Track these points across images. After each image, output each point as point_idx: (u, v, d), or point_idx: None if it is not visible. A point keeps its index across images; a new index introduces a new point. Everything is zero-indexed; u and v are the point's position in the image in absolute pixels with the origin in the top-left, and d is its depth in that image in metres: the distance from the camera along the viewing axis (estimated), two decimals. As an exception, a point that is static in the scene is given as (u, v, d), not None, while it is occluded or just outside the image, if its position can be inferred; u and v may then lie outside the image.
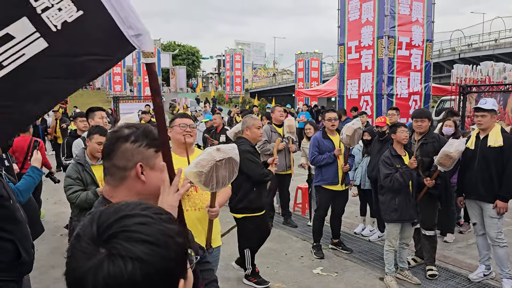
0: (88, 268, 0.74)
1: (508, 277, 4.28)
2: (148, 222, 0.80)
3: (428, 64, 10.78)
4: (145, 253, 0.75)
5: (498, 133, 4.31)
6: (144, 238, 0.77)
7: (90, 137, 3.76)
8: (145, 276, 0.74)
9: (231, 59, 44.02)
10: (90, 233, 0.77)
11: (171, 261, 0.79)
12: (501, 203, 4.23)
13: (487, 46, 30.95)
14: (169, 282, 0.79)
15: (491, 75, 12.79)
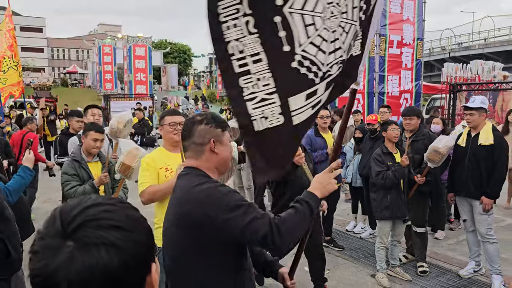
0: (58, 264, 0.70)
1: (498, 273, 4.33)
2: (114, 209, 0.78)
3: (419, 63, 10.84)
4: (118, 238, 0.73)
5: (489, 132, 4.35)
6: (115, 224, 0.75)
7: (85, 134, 3.72)
8: (121, 262, 0.72)
9: (223, 57, 43.91)
10: (54, 229, 0.74)
11: (143, 246, 0.78)
12: (486, 199, 4.28)
13: (477, 45, 31.30)
14: (143, 266, 0.78)
15: (480, 74, 12.94)
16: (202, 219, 1.61)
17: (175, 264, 1.73)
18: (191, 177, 1.75)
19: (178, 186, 1.79)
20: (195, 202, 1.64)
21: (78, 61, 70.17)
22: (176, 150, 3.09)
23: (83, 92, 43.39)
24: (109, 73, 36.38)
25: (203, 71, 70.00)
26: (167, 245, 1.77)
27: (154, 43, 42.00)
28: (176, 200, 1.75)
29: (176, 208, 1.72)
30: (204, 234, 1.62)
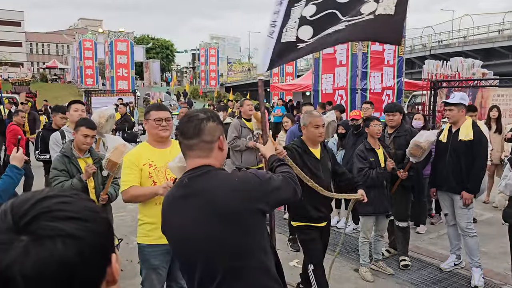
0: (12, 259, 0.67)
1: (477, 266, 4.42)
2: (69, 200, 0.77)
3: (400, 60, 10.95)
4: (75, 229, 0.72)
5: (469, 127, 4.42)
6: (71, 215, 0.74)
7: (76, 129, 3.66)
8: (78, 253, 0.71)
9: (206, 53, 43.71)
10: (5, 224, 0.71)
11: (101, 236, 0.77)
12: (466, 194, 4.36)
13: (457, 43, 31.79)
14: (102, 257, 0.77)
15: (460, 71, 13.14)
16: (247, 206, 1.69)
17: (236, 261, 1.68)
18: (214, 174, 1.74)
19: (200, 185, 1.72)
20: (237, 194, 1.68)
21: (58, 56, 68.89)
22: (161, 146, 3.02)
23: (63, 88, 42.62)
24: (90, 68, 35.85)
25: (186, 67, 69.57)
26: (211, 245, 1.67)
27: (136, 38, 41.47)
28: (206, 199, 1.69)
29: (217, 208, 1.67)
30: (254, 220, 1.72)
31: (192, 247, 1.72)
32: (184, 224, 1.72)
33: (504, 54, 28.33)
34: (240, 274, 1.68)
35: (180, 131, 1.79)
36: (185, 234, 1.73)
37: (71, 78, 47.94)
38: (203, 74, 44.98)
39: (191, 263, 1.74)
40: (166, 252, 2.96)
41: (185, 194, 1.75)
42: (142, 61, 43.71)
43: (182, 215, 1.73)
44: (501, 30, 31.32)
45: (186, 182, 1.76)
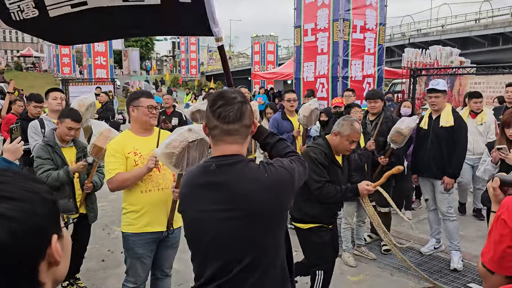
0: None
1: (457, 249, 4.54)
2: (7, 180, 0.76)
3: (381, 48, 11.03)
4: (8, 209, 0.71)
5: (449, 114, 4.49)
6: (6, 194, 0.73)
7: (61, 120, 3.58)
8: (12, 234, 0.70)
9: (186, 41, 43.13)
10: None
11: (38, 216, 0.75)
12: (448, 179, 4.45)
13: (435, 32, 32.21)
14: (38, 238, 0.76)
15: (439, 59, 13.35)
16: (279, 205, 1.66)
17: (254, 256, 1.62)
18: (244, 166, 1.65)
19: (225, 179, 1.62)
20: (269, 191, 1.62)
21: (32, 43, 66.91)
22: (145, 134, 2.98)
23: (39, 77, 41.54)
24: (67, 56, 34.95)
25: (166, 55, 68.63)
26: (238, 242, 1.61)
27: (114, 26, 40.53)
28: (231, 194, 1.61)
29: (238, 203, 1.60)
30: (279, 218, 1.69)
31: (212, 237, 1.63)
32: (206, 212, 1.64)
33: (480, 43, 28.88)
34: (256, 268, 1.63)
35: (218, 115, 1.61)
36: (205, 223, 1.65)
37: (47, 67, 46.72)
38: (183, 63, 44.47)
39: (207, 252, 1.66)
40: (151, 240, 2.93)
41: (213, 182, 1.64)
42: (121, 50, 42.94)
43: (205, 204, 1.64)
44: (477, 19, 31.88)
45: (213, 167, 1.64)
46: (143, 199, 2.87)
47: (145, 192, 2.87)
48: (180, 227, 3.13)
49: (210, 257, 1.65)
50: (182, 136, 2.35)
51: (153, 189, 2.89)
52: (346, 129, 3.30)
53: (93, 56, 29.34)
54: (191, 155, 2.39)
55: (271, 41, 32.30)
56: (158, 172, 2.90)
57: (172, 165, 2.39)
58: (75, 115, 3.64)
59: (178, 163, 2.38)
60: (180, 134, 2.37)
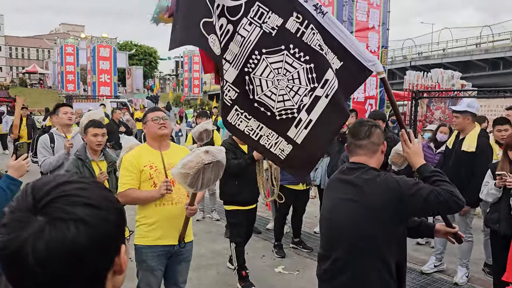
0: (27, 236, 0.70)
1: (465, 266, 4.57)
2: (87, 187, 0.79)
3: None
4: (88, 215, 0.74)
5: (473, 139, 4.35)
6: (86, 201, 0.76)
7: (86, 132, 3.70)
8: (89, 238, 0.73)
9: (190, 60, 43.60)
10: (25, 203, 0.75)
11: (113, 224, 0.78)
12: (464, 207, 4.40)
13: (436, 55, 32.58)
14: (111, 246, 0.79)
15: (440, 82, 13.48)
16: (384, 204, 2.03)
17: (359, 244, 2.06)
18: (366, 171, 2.12)
19: (360, 177, 2.10)
20: (384, 190, 2.03)
21: (38, 60, 67.76)
22: (162, 148, 3.02)
23: (43, 93, 41.91)
24: (72, 73, 35.32)
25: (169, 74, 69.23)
26: (352, 224, 2.08)
27: (119, 45, 41.20)
28: (355, 189, 2.10)
29: (360, 196, 2.07)
30: (388, 220, 2.05)
31: (333, 219, 2.20)
32: (336, 199, 2.20)
33: (481, 67, 29.17)
34: (362, 256, 2.06)
35: (352, 133, 2.20)
36: (332, 208, 2.22)
37: (51, 83, 47.16)
38: (186, 82, 44.83)
39: (326, 233, 2.27)
40: (163, 253, 2.95)
41: (343, 179, 2.19)
42: (125, 68, 43.36)
43: (336, 194, 2.22)
44: (478, 43, 32.26)
45: (345, 169, 2.22)
46: (157, 213, 2.91)
47: (159, 206, 2.91)
48: (192, 241, 3.15)
49: (328, 236, 2.25)
50: (199, 157, 2.39)
51: (167, 203, 2.92)
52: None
53: (97, 74, 29.69)
54: (206, 176, 2.44)
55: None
56: (172, 187, 2.93)
57: (186, 184, 2.44)
58: (96, 123, 3.78)
59: (192, 183, 2.43)
60: (197, 155, 2.40)
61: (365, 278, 2.06)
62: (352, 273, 2.08)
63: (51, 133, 4.47)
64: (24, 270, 0.71)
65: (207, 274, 4.78)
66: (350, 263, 2.08)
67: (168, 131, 3.05)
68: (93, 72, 29.87)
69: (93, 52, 29.79)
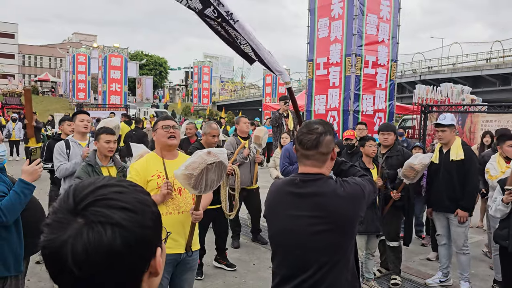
0: (67, 238, 0.73)
1: (467, 280, 4.56)
2: (124, 191, 0.81)
3: (392, 83, 11.17)
4: (124, 219, 0.76)
5: (459, 147, 4.53)
6: (122, 205, 0.78)
7: (98, 138, 3.79)
8: (125, 242, 0.75)
9: (199, 71, 43.98)
10: (66, 205, 0.77)
11: (148, 228, 0.80)
12: (462, 212, 4.46)
13: (446, 70, 32.47)
14: (147, 249, 0.80)
15: (450, 96, 13.44)
16: (354, 214, 1.95)
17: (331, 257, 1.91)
18: (324, 182, 1.95)
19: (309, 191, 1.93)
20: (347, 203, 1.93)
21: (50, 69, 68.75)
22: (169, 157, 3.04)
23: (54, 101, 42.42)
24: (83, 82, 35.80)
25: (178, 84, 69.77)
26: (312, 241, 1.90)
27: (130, 55, 41.67)
28: (316, 202, 1.92)
29: (320, 211, 1.90)
30: (354, 224, 1.96)
31: (293, 239, 1.94)
32: (291, 217, 1.95)
33: (492, 82, 29.01)
34: (332, 268, 1.91)
35: (299, 141, 1.98)
36: (289, 226, 1.95)
37: (63, 92, 47.76)
38: (195, 92, 45.16)
39: (287, 251, 1.98)
40: (169, 262, 2.95)
41: (297, 192, 1.96)
42: (135, 77, 43.84)
43: (290, 209, 1.96)
44: (488, 58, 32.13)
45: (298, 181, 1.97)
46: (163, 222, 2.90)
47: (166, 215, 2.91)
48: (198, 250, 3.15)
49: (291, 255, 1.96)
50: (201, 158, 2.42)
51: (174, 212, 2.93)
52: (207, 129, 4.82)
53: (108, 83, 30.01)
54: (210, 177, 2.46)
55: (283, 73, 32.76)
56: (179, 196, 2.94)
57: (190, 186, 2.45)
58: (108, 129, 3.87)
59: (196, 185, 2.44)
60: (199, 156, 2.44)
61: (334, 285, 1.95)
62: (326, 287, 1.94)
63: (67, 140, 4.56)
64: (63, 269, 0.73)
65: (213, 284, 4.78)
66: (323, 278, 1.91)
67: (177, 142, 3.06)
68: (104, 81, 30.22)
69: (104, 61, 30.17)
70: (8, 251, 2.68)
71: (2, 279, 2.68)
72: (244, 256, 5.69)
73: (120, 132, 4.87)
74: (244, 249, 5.91)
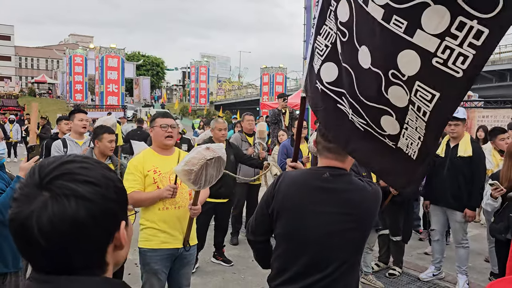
0: (32, 210, 0.77)
1: (464, 274, 4.57)
2: (89, 167, 0.84)
3: (389, 80, 11.21)
4: (88, 192, 0.80)
5: (468, 143, 4.42)
6: (86, 179, 0.81)
7: (99, 138, 3.79)
8: (89, 213, 0.79)
9: (196, 71, 43.98)
10: (32, 180, 0.81)
11: (112, 201, 0.84)
12: (470, 212, 4.41)
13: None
14: (111, 221, 0.84)
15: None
16: (376, 213, 1.98)
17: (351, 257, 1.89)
18: (351, 178, 1.93)
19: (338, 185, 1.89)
20: (373, 202, 1.94)
21: (47, 70, 68.61)
22: (166, 153, 3.07)
23: (51, 102, 42.32)
24: (80, 83, 35.77)
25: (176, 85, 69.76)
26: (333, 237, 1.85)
27: (127, 55, 41.60)
28: (343, 198, 1.88)
29: (350, 209, 1.87)
30: (371, 225, 1.98)
31: (313, 235, 1.86)
32: (317, 213, 1.87)
33: (488, 79, 29.12)
34: (350, 268, 1.90)
35: (321, 134, 2.00)
36: (313, 222, 1.87)
37: (60, 93, 47.68)
38: (193, 92, 45.15)
39: (303, 248, 1.88)
40: (167, 257, 2.99)
41: (327, 188, 1.89)
42: (132, 78, 43.80)
43: (316, 205, 1.88)
44: (485, 55, 32.18)
45: (327, 176, 1.90)
46: (160, 217, 2.95)
47: (162, 210, 2.95)
48: (196, 245, 3.18)
49: (307, 252, 1.87)
50: (201, 154, 2.45)
51: (170, 207, 2.96)
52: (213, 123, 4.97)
53: (105, 83, 30.01)
54: (209, 172, 2.49)
55: (280, 72, 32.87)
56: (173, 198, 2.96)
57: (190, 182, 2.48)
58: (109, 129, 3.89)
59: (196, 180, 2.47)
60: (199, 152, 2.47)
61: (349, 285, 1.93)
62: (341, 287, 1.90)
63: (64, 138, 4.58)
64: (30, 241, 0.77)
65: (212, 280, 4.81)
66: (340, 277, 1.86)
67: (173, 142, 3.09)
68: (101, 82, 30.22)
69: (101, 62, 30.17)
70: (7, 247, 2.70)
71: (1, 276, 2.71)
72: (243, 252, 5.72)
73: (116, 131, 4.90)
74: (243, 246, 5.94)
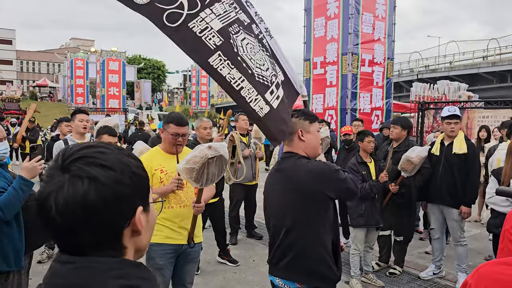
0: (52, 190, 0.82)
1: (464, 272, 4.58)
2: (107, 152, 0.88)
3: (389, 81, 11.23)
4: (102, 175, 0.83)
5: (462, 141, 4.49)
6: (102, 163, 0.85)
7: (99, 137, 3.82)
8: (100, 196, 0.82)
9: (197, 74, 44.00)
10: (56, 163, 0.86)
11: (126, 186, 0.85)
12: (465, 208, 4.45)
13: (443, 68, 32.58)
14: (124, 206, 0.86)
15: (447, 93, 13.51)
16: (316, 186, 2.28)
17: (294, 222, 2.31)
18: (295, 159, 2.36)
19: (284, 165, 2.40)
20: (309, 174, 2.29)
21: (48, 74, 68.79)
22: (173, 152, 3.08)
23: (52, 106, 42.45)
24: (81, 87, 35.84)
25: (177, 88, 69.83)
26: (281, 208, 2.38)
27: (128, 58, 41.67)
28: (286, 174, 2.37)
29: (288, 181, 2.35)
30: (317, 198, 2.29)
31: (270, 207, 2.49)
32: (271, 189, 2.48)
33: (488, 80, 29.13)
34: (299, 235, 2.31)
35: None
36: (269, 197, 2.50)
37: (61, 97, 47.78)
38: (194, 95, 45.18)
39: (268, 218, 2.50)
40: (171, 252, 3.01)
41: (276, 169, 2.48)
42: (134, 81, 43.85)
43: (271, 183, 2.49)
44: (485, 56, 32.24)
45: (279, 160, 2.50)
46: (165, 215, 2.98)
47: (168, 208, 2.98)
48: (200, 242, 3.21)
49: (269, 219, 2.49)
50: (202, 152, 2.49)
51: (176, 206, 3.00)
52: (198, 123, 4.98)
53: (106, 87, 30.05)
54: (211, 171, 2.52)
55: (281, 75, 32.80)
56: (181, 190, 3.01)
57: (192, 180, 2.52)
58: (111, 130, 3.92)
59: (198, 178, 2.51)
60: (201, 150, 2.50)
61: (304, 256, 2.31)
62: (293, 254, 2.32)
63: (65, 139, 4.61)
64: (49, 218, 0.83)
65: (213, 280, 4.83)
66: (292, 245, 2.32)
67: (181, 149, 3.09)
68: (102, 85, 30.26)
69: (102, 65, 30.23)
70: (9, 246, 2.71)
71: (4, 274, 2.72)
72: (244, 252, 5.74)
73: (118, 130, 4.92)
74: (243, 246, 5.96)
